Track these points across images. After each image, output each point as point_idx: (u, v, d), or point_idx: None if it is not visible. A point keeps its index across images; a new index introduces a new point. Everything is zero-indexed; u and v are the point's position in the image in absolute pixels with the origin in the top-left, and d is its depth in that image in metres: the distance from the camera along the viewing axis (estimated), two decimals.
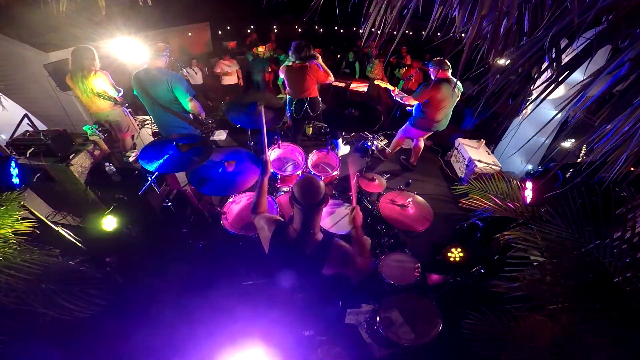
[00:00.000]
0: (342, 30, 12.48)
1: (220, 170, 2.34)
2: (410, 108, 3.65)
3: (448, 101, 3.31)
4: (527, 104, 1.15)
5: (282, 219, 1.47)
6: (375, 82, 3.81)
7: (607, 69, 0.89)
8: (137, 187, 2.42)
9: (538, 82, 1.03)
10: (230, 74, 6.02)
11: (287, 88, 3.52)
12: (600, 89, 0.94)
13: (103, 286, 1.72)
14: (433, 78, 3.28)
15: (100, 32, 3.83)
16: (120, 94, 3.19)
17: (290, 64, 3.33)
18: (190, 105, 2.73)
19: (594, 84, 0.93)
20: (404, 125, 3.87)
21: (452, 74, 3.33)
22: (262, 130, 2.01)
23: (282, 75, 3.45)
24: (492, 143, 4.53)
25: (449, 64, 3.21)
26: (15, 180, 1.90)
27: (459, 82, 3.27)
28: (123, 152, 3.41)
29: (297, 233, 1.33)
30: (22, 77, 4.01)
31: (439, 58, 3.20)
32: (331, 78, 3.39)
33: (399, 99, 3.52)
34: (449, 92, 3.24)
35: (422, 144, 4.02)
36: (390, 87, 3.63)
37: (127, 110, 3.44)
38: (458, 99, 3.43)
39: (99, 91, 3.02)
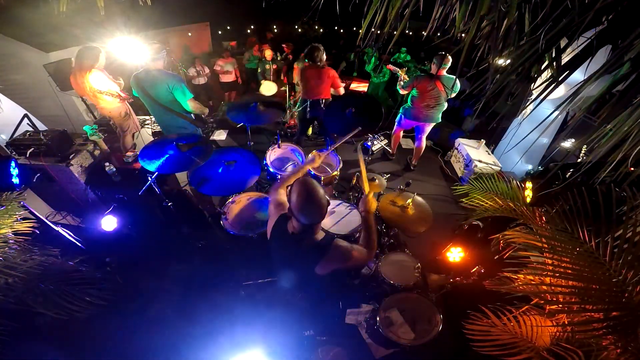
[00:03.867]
0: (342, 30, 12.49)
1: (220, 170, 2.34)
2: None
3: (429, 94, 3.50)
4: (527, 103, 1.15)
5: (286, 210, 1.46)
6: (387, 66, 3.93)
7: (606, 69, 0.89)
8: (137, 187, 2.42)
9: (538, 82, 1.03)
10: (230, 72, 6.10)
11: (301, 89, 3.59)
12: (600, 89, 0.94)
13: (103, 286, 1.72)
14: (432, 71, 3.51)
15: (100, 32, 3.83)
16: (122, 87, 3.19)
17: (307, 65, 3.42)
18: (191, 105, 2.74)
19: (594, 84, 0.93)
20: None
21: (452, 72, 3.42)
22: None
23: (296, 77, 3.59)
24: (492, 143, 4.53)
25: (448, 62, 3.26)
26: (15, 180, 1.90)
27: (457, 80, 3.35)
28: (123, 152, 3.41)
29: (296, 230, 1.32)
30: (22, 77, 4.01)
31: (441, 53, 3.30)
32: (342, 90, 3.54)
33: (398, 87, 3.77)
34: (432, 87, 3.44)
35: (423, 143, 4.04)
36: (400, 73, 3.78)
37: (129, 108, 3.44)
38: (452, 95, 3.50)
39: (98, 88, 3.02)
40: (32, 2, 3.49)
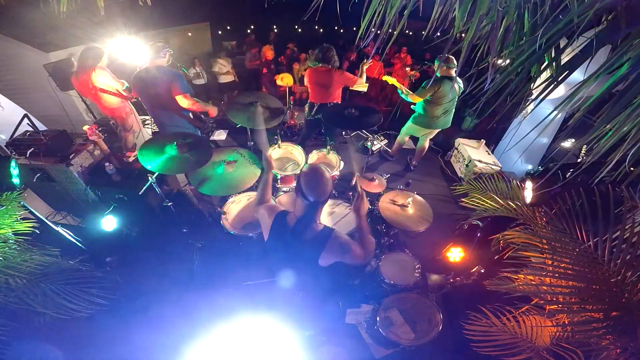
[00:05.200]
0: (342, 30, 12.50)
1: (220, 170, 2.34)
2: (413, 106, 3.70)
3: (448, 98, 3.35)
4: (527, 103, 1.15)
5: (283, 209, 1.47)
6: (384, 78, 3.80)
7: (605, 69, 0.89)
8: (137, 187, 2.42)
9: (538, 82, 1.03)
10: (228, 73, 6.11)
11: (310, 92, 3.43)
12: (600, 89, 0.94)
13: (103, 285, 1.72)
14: (437, 75, 3.31)
15: (100, 32, 3.84)
16: (126, 87, 3.19)
17: (316, 67, 3.24)
18: (185, 102, 2.67)
19: (594, 84, 0.93)
20: (407, 123, 3.91)
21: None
22: (261, 129, 2.01)
23: (305, 79, 3.38)
24: (492, 143, 4.53)
25: (454, 61, 3.22)
26: (15, 180, 1.90)
27: (459, 79, 3.29)
28: (124, 151, 3.41)
29: (298, 220, 1.33)
30: (22, 77, 4.02)
31: (446, 55, 3.19)
32: (362, 80, 3.23)
33: (404, 96, 3.54)
34: (449, 90, 3.29)
35: (426, 144, 4.02)
36: (397, 84, 3.63)
37: (132, 108, 3.45)
38: (458, 96, 3.45)
39: (102, 87, 3.03)
40: (32, 2, 3.49)
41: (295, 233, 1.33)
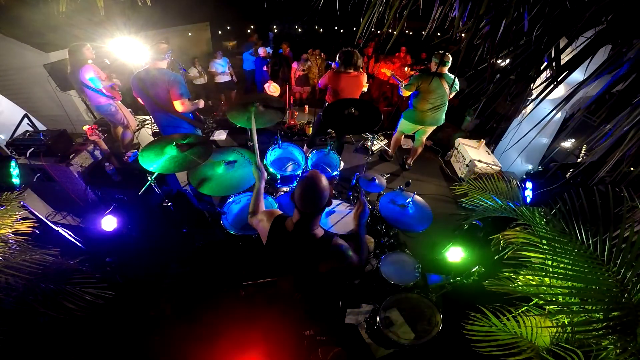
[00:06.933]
0: (342, 30, 12.51)
1: (220, 170, 2.34)
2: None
3: (435, 94, 3.39)
4: (527, 103, 1.15)
5: (281, 212, 1.46)
6: (382, 70, 3.82)
7: (604, 69, 0.89)
8: (137, 187, 2.42)
9: (537, 82, 1.03)
10: (225, 73, 6.09)
11: (329, 94, 3.38)
12: (599, 89, 0.94)
13: (103, 286, 1.72)
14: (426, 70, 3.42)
15: (100, 32, 3.84)
16: (111, 86, 3.25)
17: (342, 71, 3.19)
18: (181, 108, 2.69)
19: (594, 83, 0.93)
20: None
21: (451, 71, 3.38)
22: (253, 135, 1.94)
23: (326, 82, 3.29)
24: (492, 143, 4.53)
25: (446, 60, 3.23)
26: (15, 180, 1.90)
27: (456, 79, 3.30)
28: (123, 151, 3.42)
29: (295, 227, 1.31)
30: (22, 77, 4.02)
31: (440, 52, 3.24)
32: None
33: (400, 91, 3.61)
34: (437, 86, 3.33)
35: (421, 143, 4.01)
36: (394, 74, 3.69)
37: (119, 104, 3.49)
38: (451, 95, 3.46)
39: (89, 84, 3.07)
40: (32, 2, 3.50)
41: (295, 239, 1.31)
